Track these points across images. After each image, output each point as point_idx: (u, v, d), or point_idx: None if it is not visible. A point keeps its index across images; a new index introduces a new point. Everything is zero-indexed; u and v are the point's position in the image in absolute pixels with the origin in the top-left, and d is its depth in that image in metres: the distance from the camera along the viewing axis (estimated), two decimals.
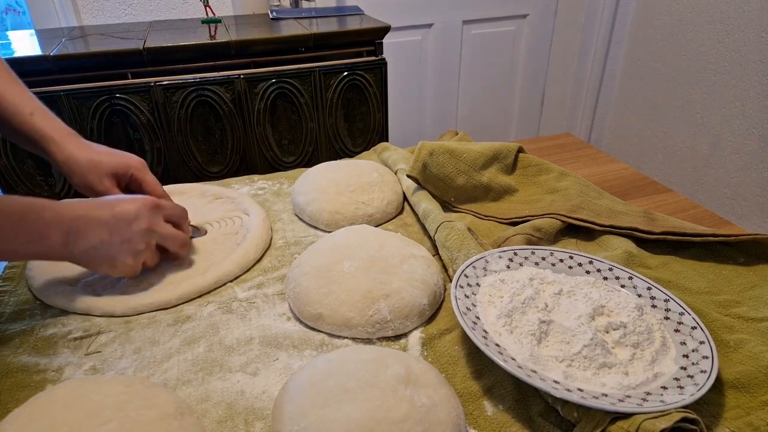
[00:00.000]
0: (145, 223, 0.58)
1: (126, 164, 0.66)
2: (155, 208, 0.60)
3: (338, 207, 0.73)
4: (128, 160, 0.67)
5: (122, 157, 0.66)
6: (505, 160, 0.80)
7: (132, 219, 0.57)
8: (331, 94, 1.30)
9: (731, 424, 0.44)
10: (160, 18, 1.60)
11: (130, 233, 0.57)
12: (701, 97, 1.76)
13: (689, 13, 1.75)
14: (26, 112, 0.63)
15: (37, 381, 0.50)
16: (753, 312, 0.55)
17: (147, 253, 0.59)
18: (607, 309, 0.51)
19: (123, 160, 0.66)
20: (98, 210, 0.56)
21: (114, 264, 0.57)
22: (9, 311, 0.60)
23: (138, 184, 0.67)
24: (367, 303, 0.54)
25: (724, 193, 1.75)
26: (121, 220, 0.56)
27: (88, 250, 0.55)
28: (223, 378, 0.50)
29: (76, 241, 0.54)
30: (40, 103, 0.65)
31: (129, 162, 0.66)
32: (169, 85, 1.18)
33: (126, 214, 0.56)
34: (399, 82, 1.97)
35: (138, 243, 0.57)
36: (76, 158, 0.63)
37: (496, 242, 0.66)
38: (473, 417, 0.46)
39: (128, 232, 0.56)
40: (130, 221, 0.57)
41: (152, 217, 0.59)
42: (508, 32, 2.12)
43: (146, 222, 0.58)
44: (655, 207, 0.80)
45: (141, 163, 0.67)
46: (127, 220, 0.56)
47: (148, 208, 0.58)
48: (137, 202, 0.58)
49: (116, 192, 0.65)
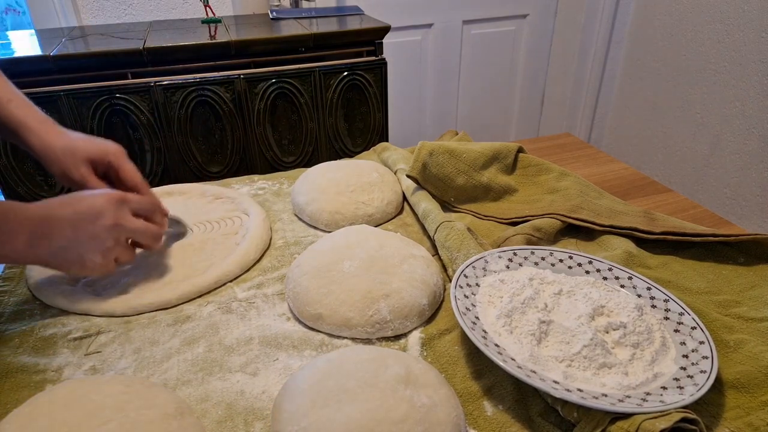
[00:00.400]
0: (111, 218, 0.55)
1: (103, 151, 0.64)
2: (121, 201, 0.57)
3: (338, 207, 0.73)
4: (105, 147, 0.64)
5: (99, 143, 0.64)
6: (505, 160, 0.80)
7: (97, 215, 0.55)
8: (331, 94, 1.30)
9: (731, 424, 0.44)
10: (160, 18, 1.60)
11: (95, 230, 0.54)
12: (701, 97, 1.76)
13: (689, 13, 1.75)
14: (3, 99, 0.61)
15: (37, 381, 0.50)
16: (753, 312, 0.55)
17: (117, 250, 0.57)
18: (606, 309, 0.51)
19: (100, 146, 0.64)
20: (61, 209, 0.54)
21: (83, 263, 0.55)
22: (9, 311, 0.60)
23: (115, 171, 0.64)
24: (367, 303, 0.54)
25: (724, 193, 1.75)
26: (85, 218, 0.54)
27: (56, 251, 0.53)
28: (222, 378, 0.50)
29: (39, 243, 0.52)
30: (18, 91, 0.63)
31: (106, 149, 0.64)
32: (169, 85, 1.18)
33: (90, 210, 0.55)
34: (399, 82, 1.97)
35: (106, 240, 0.55)
36: (52, 145, 0.61)
37: (495, 242, 0.66)
38: (473, 417, 0.46)
39: (94, 229, 0.54)
40: (95, 218, 0.54)
41: (118, 212, 0.56)
42: (508, 32, 2.12)
43: (112, 217, 0.56)
44: (655, 207, 0.80)
45: (119, 149, 0.65)
46: (91, 216, 0.54)
47: (113, 202, 0.56)
48: (102, 197, 0.56)
49: (93, 180, 0.62)
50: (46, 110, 1.11)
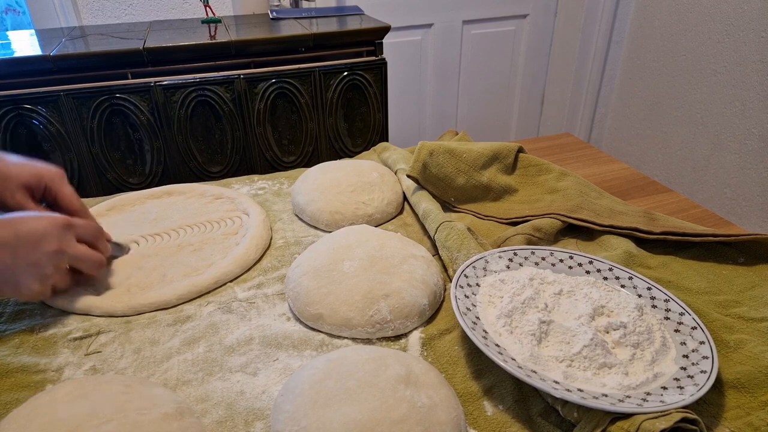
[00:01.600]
0: (55, 244, 0.53)
1: (38, 175, 0.60)
2: (66, 227, 0.55)
3: (338, 207, 0.73)
4: (41, 171, 0.61)
5: (34, 168, 0.61)
6: (505, 160, 0.80)
7: (39, 240, 0.52)
8: (331, 94, 1.30)
9: (731, 424, 0.44)
10: (160, 18, 1.60)
11: (36, 256, 0.51)
12: (701, 97, 1.76)
13: (689, 13, 1.75)
14: None
15: (37, 381, 0.50)
16: (753, 312, 0.55)
17: (56, 276, 0.54)
18: (607, 309, 0.51)
19: (35, 170, 0.61)
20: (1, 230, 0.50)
21: (18, 289, 0.52)
22: (9, 311, 0.60)
23: (53, 196, 0.61)
24: (367, 303, 0.54)
25: (724, 193, 1.75)
26: (26, 242, 0.51)
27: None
28: (223, 378, 0.50)
29: None
30: None
31: (42, 173, 0.61)
32: (169, 85, 1.18)
33: (32, 234, 0.51)
34: (399, 82, 1.97)
35: (46, 266, 0.52)
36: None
37: (496, 242, 0.66)
38: (473, 417, 0.46)
39: (35, 254, 0.51)
40: (37, 242, 0.51)
41: (62, 237, 0.54)
42: (508, 32, 2.12)
43: (56, 243, 0.53)
44: (655, 207, 0.80)
45: (57, 173, 0.62)
46: (33, 241, 0.51)
47: (58, 227, 0.53)
48: (45, 220, 0.53)
49: (30, 205, 0.60)
50: (46, 110, 1.11)
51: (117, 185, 1.23)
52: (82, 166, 1.18)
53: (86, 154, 1.18)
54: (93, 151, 1.18)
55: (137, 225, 0.73)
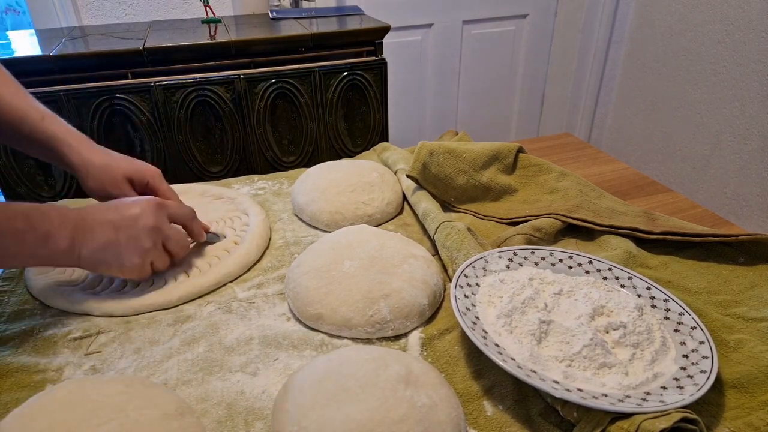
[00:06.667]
0: (151, 220, 0.57)
1: (142, 171, 0.67)
2: (160, 206, 0.59)
3: (338, 207, 0.73)
4: (144, 167, 0.67)
5: (138, 164, 0.67)
6: (505, 160, 0.80)
7: (137, 217, 0.56)
8: (331, 94, 1.30)
9: (731, 424, 0.44)
10: (160, 18, 1.60)
11: (136, 231, 0.56)
12: (701, 97, 1.76)
13: (689, 13, 1.75)
14: (37, 117, 0.63)
15: (37, 381, 0.50)
16: (753, 312, 0.55)
17: (154, 253, 0.58)
18: (606, 309, 0.51)
19: (139, 167, 0.67)
20: (103, 210, 0.56)
21: (122, 264, 0.56)
22: (9, 311, 0.60)
23: (153, 192, 0.67)
24: (367, 303, 0.54)
25: (724, 193, 1.75)
26: (126, 218, 0.56)
27: (96, 251, 0.54)
28: (223, 378, 0.50)
29: (83, 242, 0.54)
30: (46, 108, 0.65)
31: (145, 170, 0.67)
32: (169, 85, 1.18)
33: (131, 212, 0.56)
34: (399, 82, 1.97)
35: (144, 240, 0.57)
36: (92, 161, 0.64)
37: (495, 242, 0.66)
38: (473, 417, 0.46)
39: (134, 229, 0.56)
40: (136, 219, 0.56)
41: (158, 215, 0.58)
42: (508, 32, 2.12)
43: (152, 220, 0.57)
44: (655, 207, 0.79)
45: (157, 172, 0.68)
46: (132, 217, 0.56)
47: (152, 205, 0.58)
48: (142, 201, 0.58)
49: (132, 194, 0.65)
50: None
51: None
52: None
53: None
54: None
55: None
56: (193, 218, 0.65)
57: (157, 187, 0.67)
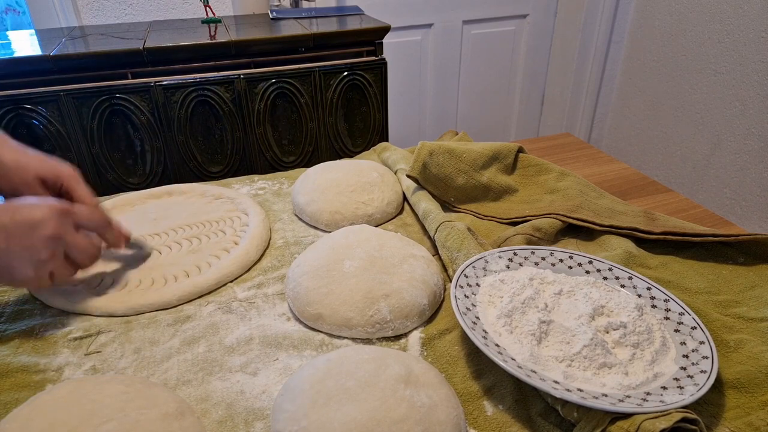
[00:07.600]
0: (51, 229, 0.51)
1: (56, 172, 0.60)
2: (64, 213, 0.53)
3: (338, 207, 0.73)
4: (59, 168, 0.61)
5: (53, 164, 0.61)
6: (505, 160, 0.80)
7: (36, 224, 0.50)
8: (331, 94, 1.30)
9: (731, 424, 0.44)
10: (160, 18, 1.60)
11: (31, 240, 0.50)
12: (701, 97, 1.76)
13: (689, 13, 1.75)
14: None
15: (37, 381, 0.50)
16: (753, 312, 0.55)
17: (53, 263, 0.53)
18: (607, 309, 0.51)
19: (54, 167, 0.61)
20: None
21: (12, 274, 0.51)
22: (9, 311, 0.60)
23: (68, 194, 0.61)
24: (367, 303, 0.54)
25: (724, 193, 1.75)
26: (21, 224, 0.50)
27: None
28: (223, 378, 0.50)
29: None
30: None
31: (59, 170, 0.61)
32: (169, 85, 1.18)
33: (29, 218, 0.50)
34: (399, 82, 1.97)
35: (41, 251, 0.51)
36: (3, 159, 0.58)
37: (496, 242, 0.66)
38: (473, 417, 0.46)
39: (29, 238, 0.50)
40: (34, 227, 0.50)
41: (61, 223, 0.52)
42: (508, 32, 2.12)
43: (52, 228, 0.51)
44: (655, 207, 0.80)
45: (72, 172, 0.62)
46: (29, 225, 0.50)
47: (56, 212, 0.52)
48: (44, 206, 0.52)
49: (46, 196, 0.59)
50: (46, 110, 1.11)
51: (117, 185, 1.23)
52: (82, 166, 1.18)
53: (86, 154, 1.18)
54: (93, 151, 1.18)
55: (137, 225, 0.73)
56: (106, 225, 0.59)
57: (72, 188, 0.61)
